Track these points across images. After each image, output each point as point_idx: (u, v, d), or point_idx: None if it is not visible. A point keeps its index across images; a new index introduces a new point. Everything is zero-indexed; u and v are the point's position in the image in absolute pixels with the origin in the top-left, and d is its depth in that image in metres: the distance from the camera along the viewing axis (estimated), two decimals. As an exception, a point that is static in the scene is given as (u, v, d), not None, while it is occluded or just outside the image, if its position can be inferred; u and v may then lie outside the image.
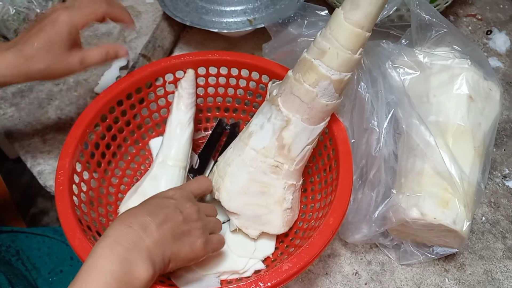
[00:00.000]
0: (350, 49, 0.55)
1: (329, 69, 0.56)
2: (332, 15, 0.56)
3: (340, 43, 0.55)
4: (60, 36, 0.59)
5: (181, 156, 0.68)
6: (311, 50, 0.57)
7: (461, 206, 0.61)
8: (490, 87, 0.69)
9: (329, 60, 0.56)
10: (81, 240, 0.54)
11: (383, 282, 0.66)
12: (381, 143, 0.61)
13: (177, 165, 0.67)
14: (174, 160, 0.67)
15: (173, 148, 0.68)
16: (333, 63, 0.56)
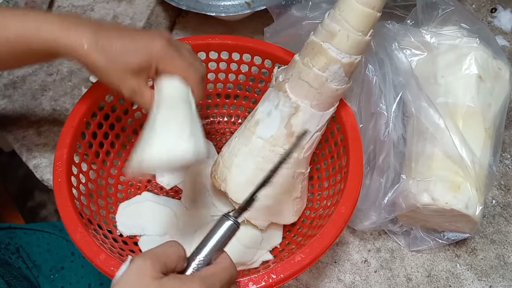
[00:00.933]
0: (361, 31, 0.53)
1: (339, 52, 0.54)
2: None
3: (350, 25, 0.52)
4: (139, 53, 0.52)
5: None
6: (319, 32, 0.55)
7: (473, 189, 0.59)
8: (499, 66, 0.67)
9: (339, 42, 0.53)
10: (82, 234, 0.52)
11: (393, 270, 0.65)
12: (390, 127, 0.59)
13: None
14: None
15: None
16: (343, 45, 0.53)
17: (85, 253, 0.51)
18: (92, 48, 0.50)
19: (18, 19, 0.51)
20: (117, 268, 0.49)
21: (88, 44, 0.50)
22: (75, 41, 0.50)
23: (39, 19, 0.51)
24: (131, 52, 0.52)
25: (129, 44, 0.52)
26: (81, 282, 0.70)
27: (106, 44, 0.51)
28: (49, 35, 0.50)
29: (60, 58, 0.58)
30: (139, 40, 0.53)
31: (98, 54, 0.51)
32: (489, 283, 0.63)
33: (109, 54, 0.51)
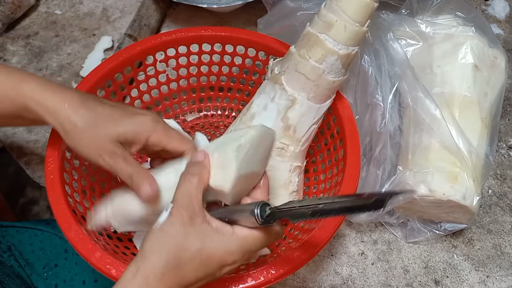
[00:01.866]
0: (359, 21, 0.52)
1: (336, 44, 0.53)
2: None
3: (348, 15, 0.51)
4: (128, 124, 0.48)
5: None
6: (316, 23, 0.54)
7: (470, 180, 0.59)
8: (495, 55, 0.66)
9: (336, 33, 0.52)
10: (77, 231, 0.51)
11: (390, 261, 0.64)
12: (386, 118, 0.59)
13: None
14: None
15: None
16: (341, 36, 0.52)
17: (80, 251, 0.50)
18: (75, 107, 0.47)
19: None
20: (113, 266, 0.49)
21: (71, 103, 0.47)
22: (56, 99, 0.47)
23: (19, 74, 0.50)
24: (121, 118, 0.48)
25: (117, 111, 0.49)
26: (75, 279, 0.69)
27: (92, 105, 0.48)
28: (26, 90, 0.48)
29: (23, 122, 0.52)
30: (129, 110, 0.50)
31: (82, 114, 0.47)
32: (486, 273, 0.63)
33: (94, 115, 0.47)
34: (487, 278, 0.63)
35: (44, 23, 0.86)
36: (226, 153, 0.45)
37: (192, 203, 0.42)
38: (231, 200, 0.46)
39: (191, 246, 0.40)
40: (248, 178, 0.47)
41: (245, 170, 0.45)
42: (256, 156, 0.47)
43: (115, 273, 0.49)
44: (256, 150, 0.46)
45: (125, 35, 0.80)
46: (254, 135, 0.46)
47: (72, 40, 0.84)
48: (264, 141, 0.48)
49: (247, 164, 0.45)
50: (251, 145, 0.45)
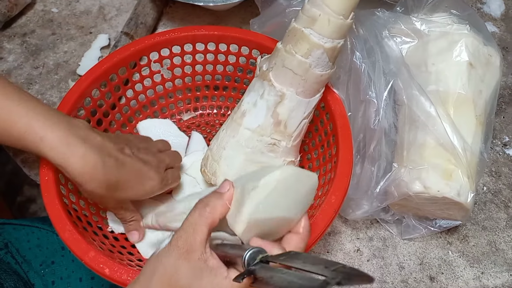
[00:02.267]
0: (342, 14, 0.52)
1: (321, 37, 0.53)
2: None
3: (331, 9, 0.51)
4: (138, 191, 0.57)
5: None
6: (300, 18, 0.54)
7: (465, 177, 0.59)
8: (490, 53, 0.66)
9: (320, 27, 0.53)
10: (71, 232, 0.51)
11: (386, 258, 0.65)
12: (380, 115, 0.59)
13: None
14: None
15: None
16: (325, 30, 0.53)
17: (74, 251, 0.50)
18: (94, 179, 0.51)
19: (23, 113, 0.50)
20: (106, 265, 0.49)
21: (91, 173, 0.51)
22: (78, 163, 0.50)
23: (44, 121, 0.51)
24: (133, 189, 0.55)
25: (132, 175, 0.55)
26: (72, 276, 0.69)
27: (113, 174, 0.52)
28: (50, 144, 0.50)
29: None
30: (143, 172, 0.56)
31: (99, 185, 0.51)
32: (481, 269, 0.64)
33: (110, 188, 0.53)
34: (482, 274, 0.63)
35: (41, 21, 0.86)
36: (243, 192, 0.42)
37: (193, 236, 0.40)
38: (246, 242, 0.42)
39: (178, 282, 0.39)
40: (274, 222, 0.43)
41: (265, 215, 0.42)
42: (284, 200, 0.43)
43: (108, 272, 0.49)
44: (284, 193, 0.42)
45: (121, 33, 0.80)
46: (278, 177, 0.42)
47: (69, 38, 0.84)
48: (296, 183, 0.43)
49: (269, 208, 0.42)
50: (275, 187, 0.42)
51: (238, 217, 0.41)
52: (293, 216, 0.44)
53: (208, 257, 0.39)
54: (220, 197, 0.42)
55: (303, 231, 0.44)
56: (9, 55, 0.82)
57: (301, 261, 0.35)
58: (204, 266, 0.39)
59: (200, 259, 0.39)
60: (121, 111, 0.69)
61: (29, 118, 0.50)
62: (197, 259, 0.39)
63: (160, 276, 0.40)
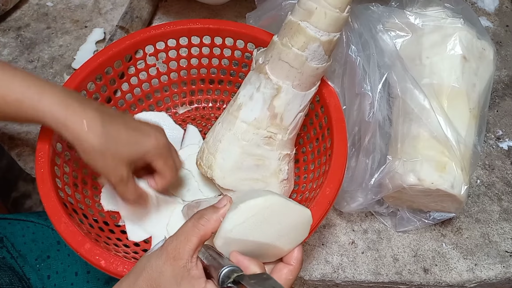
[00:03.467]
0: (338, 7, 0.52)
1: (317, 30, 0.53)
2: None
3: (327, 2, 0.52)
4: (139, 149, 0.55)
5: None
6: (297, 12, 0.54)
7: (458, 169, 0.60)
8: (483, 47, 0.67)
9: (316, 20, 0.53)
10: (67, 224, 0.51)
11: (380, 250, 0.65)
12: (375, 108, 0.59)
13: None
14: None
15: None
16: (321, 23, 0.53)
17: (70, 243, 0.50)
18: (96, 133, 0.51)
19: (18, 82, 0.51)
20: (102, 257, 0.50)
21: (90, 126, 0.51)
22: (76, 119, 0.50)
23: (39, 86, 0.51)
24: (132, 144, 0.54)
25: (133, 135, 0.54)
26: (68, 270, 0.69)
27: (111, 131, 0.52)
28: (46, 106, 0.50)
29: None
30: (141, 131, 0.55)
31: (98, 139, 0.51)
32: (474, 261, 0.64)
33: (112, 140, 0.52)
34: (475, 266, 0.64)
35: (35, 15, 0.86)
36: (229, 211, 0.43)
37: (183, 244, 0.42)
38: (226, 255, 0.44)
39: (159, 284, 0.41)
40: (257, 245, 0.44)
41: (243, 237, 0.43)
42: (269, 227, 0.43)
43: (104, 264, 0.49)
44: (268, 220, 0.43)
45: (117, 27, 0.80)
46: (261, 204, 0.43)
47: (64, 32, 0.84)
48: (284, 214, 0.44)
49: (248, 232, 0.43)
50: (256, 213, 0.42)
51: (218, 232, 0.43)
52: (280, 245, 0.45)
53: (192, 266, 0.41)
54: (215, 211, 0.44)
55: (295, 263, 0.45)
56: (3, 49, 0.82)
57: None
58: (186, 274, 0.41)
59: (184, 267, 0.41)
60: (117, 104, 0.69)
61: (27, 84, 0.51)
62: (182, 266, 0.41)
63: (146, 275, 0.42)
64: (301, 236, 0.46)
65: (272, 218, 0.43)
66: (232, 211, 0.43)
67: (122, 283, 0.44)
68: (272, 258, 0.46)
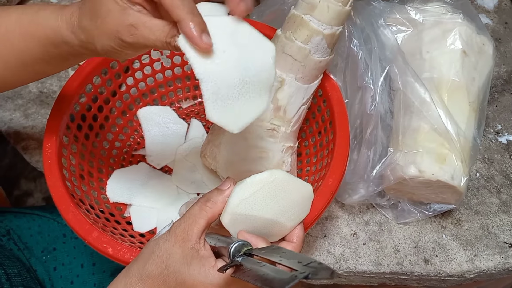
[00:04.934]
0: (341, 1, 0.53)
1: (320, 24, 0.54)
2: None
3: None
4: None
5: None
6: (300, 5, 0.56)
7: (458, 161, 0.61)
8: (483, 42, 0.68)
9: (320, 14, 0.54)
10: (74, 213, 0.52)
11: (381, 242, 0.66)
12: (376, 100, 0.60)
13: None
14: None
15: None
16: (324, 16, 0.54)
17: (78, 232, 0.51)
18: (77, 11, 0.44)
19: (14, 9, 0.48)
20: (109, 244, 0.50)
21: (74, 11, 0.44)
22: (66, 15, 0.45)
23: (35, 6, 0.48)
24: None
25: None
26: (74, 262, 0.70)
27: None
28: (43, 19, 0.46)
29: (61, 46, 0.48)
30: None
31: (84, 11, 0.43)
32: (474, 252, 0.65)
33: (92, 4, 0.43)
34: (474, 257, 0.65)
35: (40, 13, 0.87)
36: (235, 187, 0.45)
37: (191, 226, 0.43)
38: (234, 234, 0.45)
39: (169, 266, 0.43)
40: (262, 222, 0.45)
41: (250, 211, 0.44)
42: (273, 202, 0.45)
43: (111, 251, 0.50)
44: (272, 195, 0.45)
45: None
46: (266, 178, 0.44)
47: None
48: (287, 189, 0.45)
49: (254, 206, 0.44)
50: (261, 187, 0.44)
51: (225, 209, 0.44)
52: (284, 221, 0.46)
53: (200, 247, 0.43)
54: (221, 193, 0.45)
55: (297, 241, 0.47)
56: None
57: (279, 256, 0.38)
58: (195, 254, 0.42)
59: (193, 248, 0.42)
60: (122, 98, 0.70)
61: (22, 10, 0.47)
62: (190, 248, 0.42)
63: (156, 258, 0.43)
64: (303, 212, 0.48)
65: (277, 193, 0.45)
66: (238, 186, 0.44)
67: (131, 267, 0.45)
68: (275, 237, 0.48)
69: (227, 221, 0.44)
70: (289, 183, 0.46)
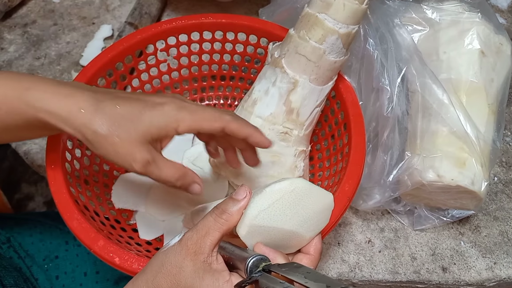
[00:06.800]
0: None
1: (336, 23, 0.52)
2: None
3: None
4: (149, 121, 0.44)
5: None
6: (314, 4, 0.53)
7: (478, 165, 0.58)
8: (501, 42, 0.66)
9: (335, 12, 0.52)
10: (79, 221, 0.50)
11: (398, 249, 0.64)
12: (394, 102, 0.58)
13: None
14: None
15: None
16: (340, 15, 0.52)
17: (83, 240, 0.49)
18: (91, 113, 0.43)
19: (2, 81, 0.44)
20: (116, 254, 0.48)
21: (86, 108, 0.43)
22: (68, 105, 0.43)
23: (25, 81, 0.44)
24: (140, 115, 0.44)
25: (136, 106, 0.44)
26: (77, 271, 0.67)
27: (109, 106, 0.43)
28: (35, 101, 0.43)
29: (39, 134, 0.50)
30: (147, 102, 0.45)
31: (100, 120, 0.43)
32: (494, 259, 0.63)
33: (112, 119, 0.43)
34: (494, 264, 0.63)
35: (42, 12, 0.85)
36: (253, 196, 0.42)
37: (204, 239, 0.40)
38: (250, 247, 0.42)
39: (180, 280, 0.39)
40: (280, 233, 0.42)
41: (268, 223, 0.41)
42: (292, 213, 0.42)
43: (118, 261, 0.48)
44: (292, 205, 0.42)
45: (125, 23, 0.79)
46: (286, 187, 0.42)
47: (71, 29, 0.83)
48: (307, 198, 0.43)
49: (273, 217, 0.41)
50: (281, 197, 0.41)
51: (242, 220, 0.41)
52: (303, 232, 0.44)
53: (213, 260, 0.40)
54: (236, 204, 0.42)
55: (314, 253, 0.44)
56: (10, 46, 0.80)
57: (303, 276, 0.35)
58: (208, 268, 0.39)
59: (205, 262, 0.40)
60: (127, 100, 0.68)
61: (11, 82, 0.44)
62: (203, 261, 0.40)
63: (166, 272, 0.40)
64: (322, 222, 0.45)
65: (296, 203, 0.42)
66: (257, 196, 0.41)
67: (137, 279, 0.42)
68: (293, 248, 0.45)
69: (245, 233, 0.41)
70: (310, 192, 0.43)
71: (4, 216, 0.71)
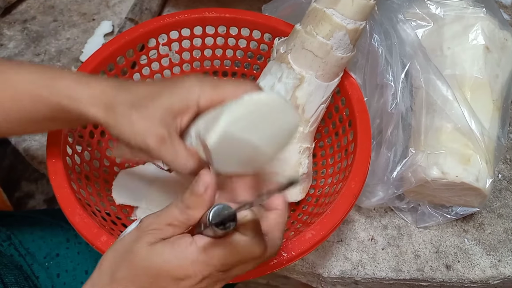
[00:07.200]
0: None
1: (344, 18, 0.51)
2: None
3: None
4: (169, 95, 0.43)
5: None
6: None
7: (483, 162, 0.58)
8: (505, 37, 0.65)
9: (343, 7, 0.51)
10: (81, 216, 0.49)
11: (401, 246, 0.63)
12: (398, 98, 0.58)
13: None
14: None
15: None
16: (348, 11, 0.51)
17: (85, 236, 0.48)
18: (113, 94, 0.43)
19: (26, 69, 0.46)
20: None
21: (107, 91, 0.43)
22: (92, 87, 0.44)
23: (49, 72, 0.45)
24: (160, 92, 0.43)
25: (156, 86, 0.44)
26: (78, 269, 0.67)
27: (130, 88, 0.44)
28: (61, 88, 0.44)
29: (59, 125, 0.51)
30: (168, 81, 0.46)
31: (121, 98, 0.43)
32: (498, 257, 0.62)
33: (133, 97, 0.43)
34: (498, 262, 0.62)
35: (42, 8, 0.84)
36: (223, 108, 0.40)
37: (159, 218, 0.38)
38: (215, 165, 0.39)
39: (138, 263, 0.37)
40: (246, 149, 0.40)
41: (240, 133, 0.39)
42: (261, 126, 0.40)
43: (122, 257, 0.47)
44: (263, 118, 0.40)
45: (126, 19, 0.78)
46: (263, 99, 0.39)
47: (71, 25, 0.82)
48: (277, 114, 0.41)
49: (245, 128, 0.39)
50: (257, 108, 0.39)
51: (213, 127, 0.39)
52: (266, 149, 0.41)
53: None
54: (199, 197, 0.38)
55: (281, 206, 0.40)
56: (9, 42, 0.80)
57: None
58: (160, 243, 0.37)
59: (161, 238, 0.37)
60: (128, 96, 0.67)
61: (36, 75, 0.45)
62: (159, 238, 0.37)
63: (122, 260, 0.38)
64: (282, 141, 0.43)
65: (268, 117, 0.40)
66: (234, 103, 0.39)
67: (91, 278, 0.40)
68: (252, 167, 0.42)
69: (213, 141, 0.38)
70: (284, 109, 0.41)
71: (4, 214, 0.71)
